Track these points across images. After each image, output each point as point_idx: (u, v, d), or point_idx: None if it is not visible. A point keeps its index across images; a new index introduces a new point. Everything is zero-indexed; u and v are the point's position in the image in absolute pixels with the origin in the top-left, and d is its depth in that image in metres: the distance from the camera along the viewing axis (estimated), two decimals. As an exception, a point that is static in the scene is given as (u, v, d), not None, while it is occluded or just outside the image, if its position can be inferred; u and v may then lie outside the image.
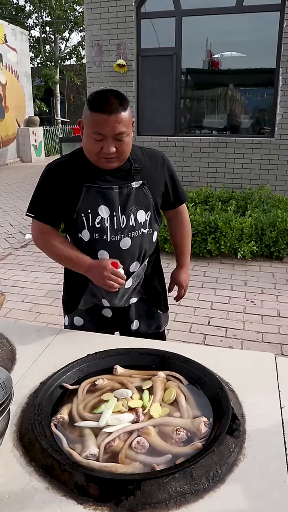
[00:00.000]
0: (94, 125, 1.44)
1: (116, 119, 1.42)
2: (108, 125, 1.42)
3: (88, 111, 1.45)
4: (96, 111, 1.42)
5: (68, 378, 1.29)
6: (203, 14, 7.09)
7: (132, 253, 1.61)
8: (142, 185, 1.60)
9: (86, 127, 1.48)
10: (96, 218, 1.56)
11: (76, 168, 1.58)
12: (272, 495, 0.92)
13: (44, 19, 20.98)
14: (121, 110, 1.43)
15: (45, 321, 3.58)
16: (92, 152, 1.49)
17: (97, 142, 1.46)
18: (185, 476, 0.93)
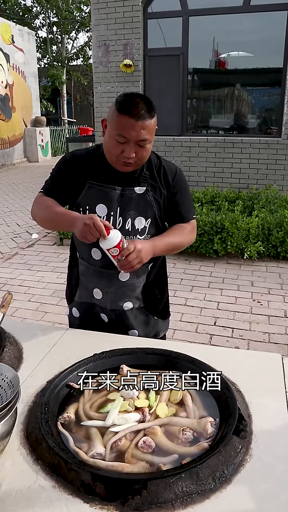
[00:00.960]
0: (119, 128, 1.43)
1: (142, 125, 1.42)
2: (134, 130, 1.42)
3: (116, 112, 1.44)
4: (124, 114, 1.42)
5: (75, 377, 1.29)
6: (210, 14, 7.09)
7: None
8: (146, 191, 1.58)
9: (110, 127, 1.48)
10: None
11: (86, 163, 1.60)
12: (279, 496, 0.91)
13: (51, 19, 21.04)
14: (148, 117, 1.43)
15: (52, 320, 3.59)
16: (112, 153, 1.49)
17: (119, 144, 1.46)
18: (191, 476, 0.93)
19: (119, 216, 1.57)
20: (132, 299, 1.70)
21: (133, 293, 1.69)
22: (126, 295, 1.69)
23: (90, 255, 1.64)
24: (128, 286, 1.66)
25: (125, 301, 1.69)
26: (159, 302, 1.79)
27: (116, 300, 1.68)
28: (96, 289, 1.68)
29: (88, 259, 1.66)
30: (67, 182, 1.62)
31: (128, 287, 1.66)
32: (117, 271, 1.56)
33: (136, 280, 1.67)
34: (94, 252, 1.62)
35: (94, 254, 1.63)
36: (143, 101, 1.44)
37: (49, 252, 5.44)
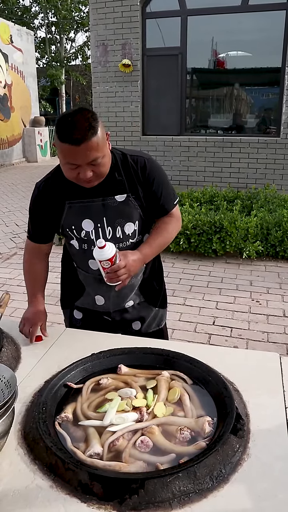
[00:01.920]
0: (65, 156, 1.38)
1: (86, 148, 1.34)
2: (79, 156, 1.35)
3: (58, 140, 1.37)
4: (64, 142, 1.34)
5: (73, 377, 1.29)
6: (208, 14, 7.08)
7: None
8: (127, 197, 1.55)
9: (59, 154, 1.41)
10: (81, 232, 1.56)
11: (57, 185, 1.55)
12: (277, 495, 0.91)
13: (50, 19, 21.03)
14: (90, 136, 1.33)
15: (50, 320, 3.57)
16: (70, 177, 1.45)
17: (73, 169, 1.40)
18: (188, 475, 0.93)
19: (108, 226, 1.55)
20: (133, 297, 1.72)
21: (133, 292, 1.71)
22: (127, 295, 1.70)
23: (88, 266, 1.63)
24: (128, 287, 1.66)
25: (126, 302, 1.71)
26: (158, 294, 1.82)
27: (118, 303, 1.70)
28: (97, 296, 1.68)
29: (86, 269, 1.65)
30: (45, 217, 1.60)
31: (128, 288, 1.67)
32: None
33: (135, 280, 1.68)
34: (92, 263, 1.60)
35: (91, 265, 1.61)
36: (81, 119, 1.34)
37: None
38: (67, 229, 1.59)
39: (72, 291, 1.78)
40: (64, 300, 1.86)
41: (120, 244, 1.57)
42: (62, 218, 1.57)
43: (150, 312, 1.79)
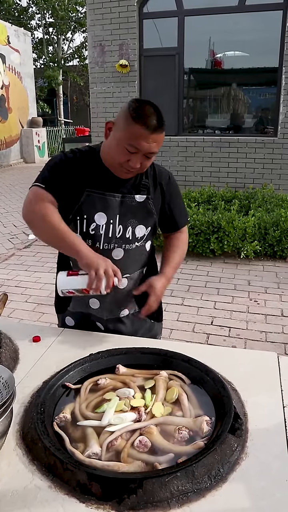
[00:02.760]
0: (132, 137, 1.38)
1: (155, 138, 1.39)
2: (147, 142, 1.38)
3: (130, 119, 1.37)
4: (139, 124, 1.36)
5: (71, 378, 1.29)
6: (205, 14, 7.09)
7: (124, 264, 1.55)
8: (146, 199, 1.56)
9: (120, 134, 1.41)
10: (91, 225, 1.52)
11: (82, 169, 1.51)
12: (274, 494, 0.91)
13: (47, 20, 21.02)
14: (161, 129, 1.40)
15: (48, 321, 3.59)
16: (116, 160, 1.45)
17: (128, 153, 1.41)
18: (187, 475, 0.93)
19: (119, 224, 1.54)
20: (128, 306, 1.68)
21: (129, 299, 1.66)
22: (123, 302, 1.66)
23: None
24: (125, 293, 1.63)
25: (122, 309, 1.66)
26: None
27: (113, 309, 1.65)
28: (92, 299, 1.62)
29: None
30: (63, 185, 1.50)
31: (124, 294, 1.64)
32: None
33: (132, 286, 1.64)
34: None
35: None
36: (157, 112, 1.40)
37: (46, 252, 5.44)
38: (78, 217, 1.52)
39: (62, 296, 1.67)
40: (58, 303, 1.77)
41: (127, 245, 1.56)
42: (77, 205, 1.51)
43: (144, 325, 1.74)
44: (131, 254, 1.59)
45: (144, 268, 1.68)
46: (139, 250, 1.61)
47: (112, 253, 1.55)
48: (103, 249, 1.53)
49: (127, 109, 1.40)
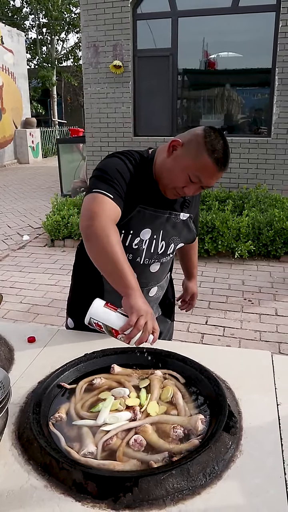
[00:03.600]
0: (201, 170, 1.35)
1: (220, 175, 1.39)
2: (212, 179, 1.38)
3: (205, 152, 1.32)
4: (213, 161, 1.32)
5: (66, 378, 1.29)
6: (199, 15, 7.11)
7: (158, 277, 1.63)
8: (189, 217, 1.58)
9: (188, 162, 1.35)
10: (135, 239, 1.48)
11: (136, 181, 1.42)
12: (268, 491, 0.92)
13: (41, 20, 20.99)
14: (226, 169, 1.40)
15: (43, 321, 3.59)
16: (173, 184, 1.41)
17: (188, 181, 1.38)
18: (182, 472, 0.94)
19: (162, 240, 1.53)
20: (154, 311, 1.70)
21: (156, 305, 1.73)
22: (152, 309, 1.67)
23: None
24: (155, 300, 1.68)
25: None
26: (172, 306, 1.86)
27: None
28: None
29: None
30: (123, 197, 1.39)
31: (154, 301, 1.68)
32: (146, 288, 1.60)
33: (161, 293, 1.71)
34: None
35: None
36: (228, 150, 1.37)
37: (40, 253, 5.43)
38: (123, 231, 1.46)
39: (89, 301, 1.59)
40: (73, 306, 1.76)
41: (163, 259, 1.59)
42: (126, 218, 1.44)
43: (166, 326, 1.81)
44: (165, 265, 1.63)
45: (169, 273, 1.76)
46: (169, 261, 1.66)
47: (150, 267, 1.57)
48: (143, 264, 1.54)
49: (203, 138, 1.34)
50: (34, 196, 9.42)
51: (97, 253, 1.31)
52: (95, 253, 1.31)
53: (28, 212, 7.83)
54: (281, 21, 6.44)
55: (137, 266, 1.52)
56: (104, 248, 1.26)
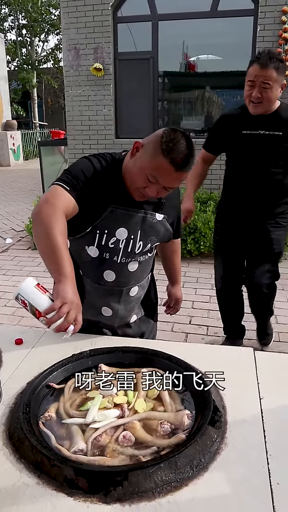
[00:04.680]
0: (156, 170, 1.34)
1: (179, 177, 1.37)
2: (169, 179, 1.36)
3: (160, 151, 1.31)
4: (168, 160, 1.31)
5: (55, 378, 1.32)
6: (178, 19, 7.17)
7: (137, 276, 1.64)
8: (163, 219, 1.59)
9: (146, 163, 1.36)
10: (111, 239, 1.50)
11: (106, 182, 1.46)
12: (253, 480, 0.97)
13: (20, 22, 20.85)
14: (189, 169, 1.36)
15: (28, 324, 3.58)
16: (135, 185, 1.42)
17: (147, 181, 1.37)
18: (170, 465, 0.97)
19: (140, 240, 1.55)
20: (136, 311, 1.74)
21: (138, 305, 1.74)
22: (134, 308, 1.71)
23: (102, 277, 1.57)
24: (136, 300, 1.70)
25: (131, 315, 1.72)
26: (155, 306, 1.88)
27: (124, 316, 1.69)
28: (105, 307, 1.64)
29: (98, 280, 1.58)
30: (88, 195, 1.42)
31: (135, 301, 1.70)
32: (126, 288, 1.62)
33: (142, 292, 1.72)
34: (108, 274, 1.57)
35: (107, 277, 1.57)
36: (189, 150, 1.33)
37: (24, 256, 5.41)
38: (98, 231, 1.49)
39: None
40: None
41: (141, 257, 1.61)
42: (99, 219, 1.47)
43: (149, 326, 1.83)
44: (144, 264, 1.64)
45: (150, 273, 1.77)
46: (149, 260, 1.67)
47: (128, 266, 1.58)
48: (120, 263, 1.55)
49: (160, 138, 1.34)
50: (16, 199, 9.35)
51: (39, 238, 1.33)
52: (38, 238, 1.35)
53: (11, 215, 7.78)
54: (259, 26, 6.54)
55: (115, 265, 1.55)
56: (46, 234, 1.29)
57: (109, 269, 1.56)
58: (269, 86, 2.25)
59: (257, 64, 2.25)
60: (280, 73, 2.25)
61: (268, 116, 2.39)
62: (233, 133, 2.52)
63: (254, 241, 2.69)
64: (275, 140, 2.41)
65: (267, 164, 2.48)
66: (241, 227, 2.71)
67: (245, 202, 2.64)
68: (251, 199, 2.60)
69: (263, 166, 2.49)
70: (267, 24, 6.45)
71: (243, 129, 2.47)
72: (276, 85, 2.26)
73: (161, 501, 0.92)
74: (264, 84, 2.25)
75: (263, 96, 2.28)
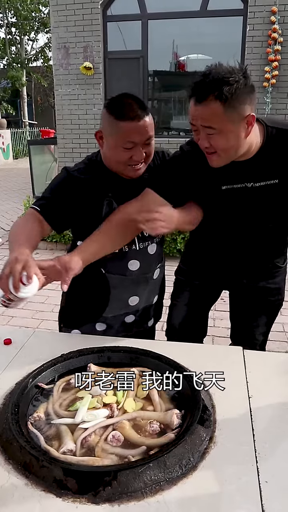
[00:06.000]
0: (125, 135, 1.40)
1: (145, 124, 1.40)
2: (140, 132, 1.40)
3: (115, 121, 1.40)
4: (124, 120, 1.38)
5: (43, 378, 1.31)
6: (168, 18, 7.18)
7: (157, 258, 1.68)
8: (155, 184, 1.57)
9: (112, 138, 1.43)
10: None
11: (94, 180, 1.52)
12: (241, 478, 0.97)
13: (9, 20, 20.68)
14: (146, 113, 1.41)
15: (18, 324, 3.56)
16: (121, 161, 1.45)
17: (127, 151, 1.42)
18: (159, 465, 0.97)
19: None
20: (158, 292, 1.81)
21: (158, 287, 1.79)
22: (155, 290, 1.78)
23: (126, 268, 1.60)
24: (158, 281, 1.76)
25: (153, 297, 1.78)
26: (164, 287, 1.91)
27: (148, 298, 1.74)
28: (132, 297, 1.68)
29: (123, 271, 1.61)
30: (69, 204, 1.51)
31: (158, 282, 1.76)
32: (150, 273, 1.66)
33: (163, 272, 1.79)
34: (132, 264, 1.60)
35: (131, 266, 1.60)
36: (135, 100, 1.42)
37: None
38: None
39: (95, 304, 1.69)
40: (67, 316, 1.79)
41: (156, 238, 1.63)
42: (102, 215, 1.51)
43: (161, 308, 1.89)
44: (160, 243, 1.69)
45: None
46: (162, 241, 1.71)
47: (148, 249, 1.62)
48: (140, 249, 1.60)
49: (106, 112, 1.43)
50: (6, 198, 9.29)
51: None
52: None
53: (0, 215, 7.73)
54: (248, 25, 6.57)
55: (136, 254, 1.59)
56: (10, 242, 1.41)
57: (133, 258, 1.60)
58: (214, 131, 1.33)
59: (193, 98, 1.37)
60: (233, 105, 1.29)
61: (252, 161, 1.48)
62: (207, 188, 1.58)
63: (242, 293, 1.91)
64: (270, 192, 1.53)
65: (263, 220, 1.64)
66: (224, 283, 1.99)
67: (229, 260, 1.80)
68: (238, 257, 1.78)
69: (256, 223, 1.65)
70: (256, 24, 6.49)
71: (222, 183, 1.55)
72: (227, 127, 1.32)
73: (150, 501, 0.92)
74: (206, 129, 1.35)
75: (212, 145, 1.37)
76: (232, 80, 1.28)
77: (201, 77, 1.34)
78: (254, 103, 1.36)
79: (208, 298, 2.03)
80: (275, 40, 6.35)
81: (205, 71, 1.35)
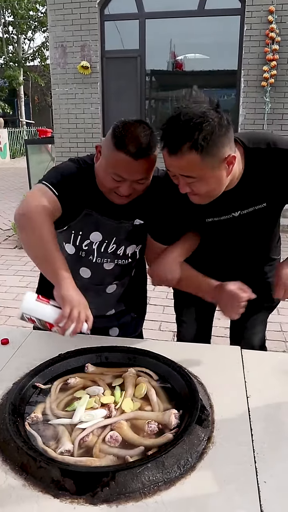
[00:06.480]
0: (115, 166, 1.29)
1: (141, 164, 1.28)
2: (132, 171, 1.29)
3: (113, 147, 1.28)
4: (121, 151, 1.26)
5: (41, 378, 1.30)
6: (166, 17, 7.17)
7: (115, 275, 1.62)
8: (145, 223, 1.54)
9: (105, 161, 1.33)
10: (85, 240, 1.51)
11: (82, 185, 1.42)
12: (239, 478, 0.97)
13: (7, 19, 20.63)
14: (149, 153, 1.29)
15: (15, 324, 3.55)
16: (106, 187, 1.38)
17: (115, 181, 1.33)
18: (157, 465, 0.97)
19: (113, 243, 1.54)
20: (115, 306, 1.72)
21: (116, 300, 1.72)
22: (111, 304, 1.70)
23: (78, 273, 1.57)
24: (115, 296, 1.68)
25: (109, 310, 1.71)
26: (142, 301, 1.86)
27: (101, 309, 1.66)
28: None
29: (74, 274, 1.50)
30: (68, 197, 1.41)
31: (115, 297, 1.69)
32: (102, 286, 1.61)
33: (122, 289, 1.69)
34: (83, 271, 1.58)
35: (83, 273, 1.59)
36: (143, 133, 1.27)
37: (11, 255, 5.36)
38: (73, 231, 1.49)
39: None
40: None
41: (118, 261, 1.58)
42: (75, 221, 1.47)
43: (129, 319, 1.80)
44: (125, 267, 1.62)
45: (133, 271, 1.70)
46: (129, 265, 1.64)
47: (104, 265, 1.58)
48: (96, 262, 1.56)
49: (110, 134, 1.31)
50: (3, 197, 9.27)
51: (32, 247, 1.34)
52: (28, 243, 1.35)
53: (-3, 214, 7.71)
54: (245, 25, 6.57)
55: (91, 264, 1.56)
56: (38, 239, 1.30)
57: (85, 266, 1.57)
58: (193, 180, 1.24)
59: (165, 149, 1.23)
60: (210, 152, 1.18)
61: (236, 190, 1.38)
62: (190, 220, 1.52)
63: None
64: (259, 216, 1.46)
65: (252, 240, 1.59)
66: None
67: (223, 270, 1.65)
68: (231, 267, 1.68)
69: (246, 243, 1.60)
70: (254, 24, 6.49)
71: (206, 215, 1.47)
72: (207, 174, 1.23)
73: (148, 501, 0.92)
74: (185, 178, 1.25)
75: (194, 191, 1.28)
76: (206, 125, 1.15)
77: (171, 123, 1.20)
78: (232, 140, 1.25)
79: (212, 306, 1.94)
80: (272, 39, 6.35)
81: (174, 114, 1.21)
